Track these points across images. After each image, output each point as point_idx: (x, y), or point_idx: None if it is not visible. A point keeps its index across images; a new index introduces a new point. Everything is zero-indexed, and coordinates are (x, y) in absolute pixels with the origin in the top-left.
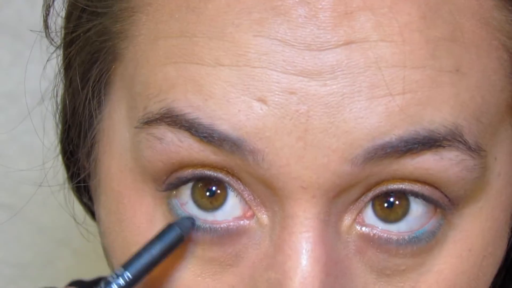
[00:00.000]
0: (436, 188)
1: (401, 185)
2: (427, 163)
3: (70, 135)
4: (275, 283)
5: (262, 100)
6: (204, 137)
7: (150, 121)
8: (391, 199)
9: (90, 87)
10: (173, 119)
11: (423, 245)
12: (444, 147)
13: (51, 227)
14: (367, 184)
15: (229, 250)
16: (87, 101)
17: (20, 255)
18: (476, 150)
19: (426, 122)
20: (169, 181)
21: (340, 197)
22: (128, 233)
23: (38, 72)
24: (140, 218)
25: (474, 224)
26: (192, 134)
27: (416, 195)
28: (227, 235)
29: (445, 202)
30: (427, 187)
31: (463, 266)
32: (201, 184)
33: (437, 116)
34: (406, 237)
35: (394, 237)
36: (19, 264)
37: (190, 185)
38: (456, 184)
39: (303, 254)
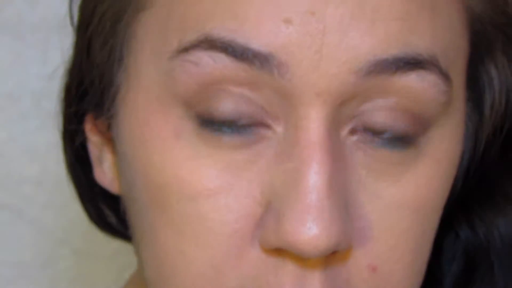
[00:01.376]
0: (413, 116)
1: (383, 118)
2: (412, 82)
3: (88, 92)
4: (292, 171)
5: (288, 21)
6: (240, 55)
7: (187, 48)
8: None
9: (121, 33)
10: (210, 44)
11: (400, 150)
12: (425, 69)
13: (51, 227)
14: (364, 97)
15: (253, 147)
16: (117, 48)
17: (20, 255)
18: (447, 77)
19: (413, 46)
20: (203, 119)
21: (343, 106)
22: (152, 151)
23: (38, 72)
24: (166, 133)
25: (441, 145)
26: (227, 54)
27: (394, 129)
28: (252, 136)
29: (416, 132)
30: (404, 119)
31: (436, 172)
32: None
33: (420, 43)
34: (387, 140)
35: (379, 140)
36: (19, 264)
37: None
38: (431, 104)
39: (317, 145)
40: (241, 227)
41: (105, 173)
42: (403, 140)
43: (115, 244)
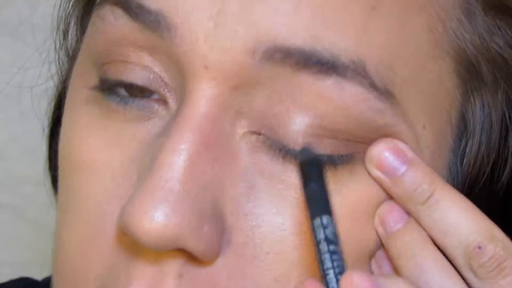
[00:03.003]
0: (334, 133)
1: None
2: (328, 91)
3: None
4: (159, 146)
5: None
6: (134, 13)
7: (99, 3)
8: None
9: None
10: None
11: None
12: (345, 77)
13: (51, 227)
14: (269, 90)
15: (143, 124)
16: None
17: (20, 255)
18: (385, 94)
19: (327, 43)
20: (99, 83)
21: (241, 92)
22: (66, 122)
23: (38, 72)
24: (80, 99)
25: (360, 195)
26: (125, 11)
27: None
28: (145, 112)
29: (336, 154)
30: (322, 136)
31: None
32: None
33: (339, 41)
34: (297, 148)
35: (284, 143)
36: (19, 264)
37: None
38: (366, 125)
39: (189, 122)
40: (111, 210)
41: None
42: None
43: None
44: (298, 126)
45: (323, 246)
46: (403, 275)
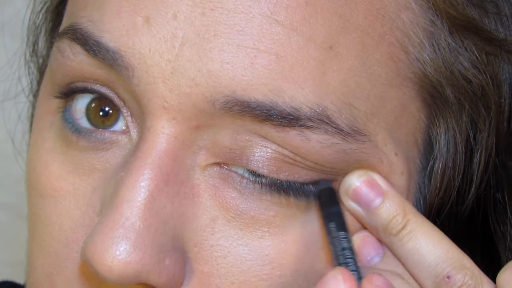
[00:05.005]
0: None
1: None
2: (294, 141)
3: None
4: (119, 180)
5: (146, 19)
6: (92, 50)
7: (59, 35)
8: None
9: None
10: (73, 33)
11: (273, 204)
12: (308, 127)
13: None
14: (231, 131)
15: (101, 154)
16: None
17: (20, 255)
18: (352, 134)
19: (287, 97)
20: (64, 91)
21: (202, 130)
22: (31, 146)
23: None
24: (45, 123)
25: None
26: (83, 47)
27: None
28: (103, 143)
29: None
30: (287, 171)
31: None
32: (94, 104)
33: (299, 94)
34: (264, 180)
35: (251, 178)
36: (19, 264)
37: (85, 102)
38: (336, 163)
39: (149, 158)
40: (77, 238)
41: None
42: (282, 191)
43: None
44: (263, 153)
45: (348, 253)
46: None
